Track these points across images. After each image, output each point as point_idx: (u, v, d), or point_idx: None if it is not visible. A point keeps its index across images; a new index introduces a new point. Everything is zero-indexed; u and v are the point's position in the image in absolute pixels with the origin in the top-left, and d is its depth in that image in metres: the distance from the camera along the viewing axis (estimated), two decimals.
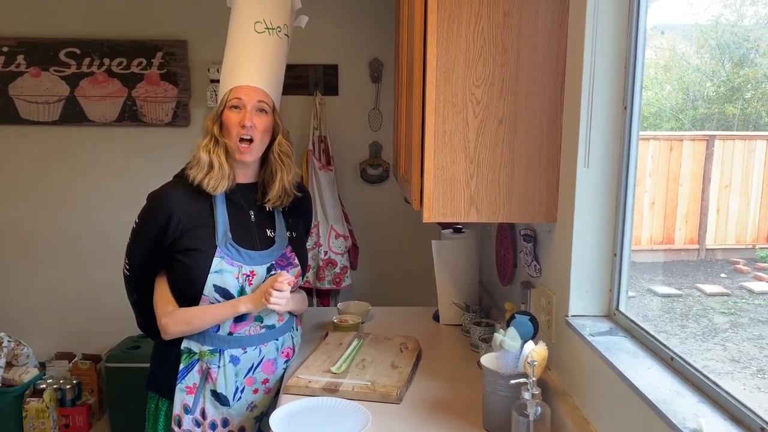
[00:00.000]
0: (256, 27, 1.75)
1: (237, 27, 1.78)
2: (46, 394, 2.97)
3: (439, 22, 1.45)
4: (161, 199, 1.70)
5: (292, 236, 1.81)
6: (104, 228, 3.26)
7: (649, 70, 2.15)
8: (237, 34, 1.78)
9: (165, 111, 3.20)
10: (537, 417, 1.29)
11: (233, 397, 1.72)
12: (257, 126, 1.68)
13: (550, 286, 1.60)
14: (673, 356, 1.17)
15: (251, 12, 1.76)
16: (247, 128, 1.67)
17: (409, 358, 1.85)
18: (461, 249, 2.22)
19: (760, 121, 2.52)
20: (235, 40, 1.78)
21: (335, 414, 1.53)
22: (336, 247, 3.17)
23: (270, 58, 1.77)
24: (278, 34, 1.79)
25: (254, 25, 1.75)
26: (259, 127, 1.69)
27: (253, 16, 1.76)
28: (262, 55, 1.76)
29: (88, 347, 3.34)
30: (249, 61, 1.74)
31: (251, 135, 1.68)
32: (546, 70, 1.48)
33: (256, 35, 1.75)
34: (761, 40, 2.32)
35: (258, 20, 1.75)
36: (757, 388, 2.12)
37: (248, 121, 1.67)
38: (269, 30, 1.76)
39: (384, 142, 3.29)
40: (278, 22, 1.79)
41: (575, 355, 1.43)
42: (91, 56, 3.15)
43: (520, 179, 1.51)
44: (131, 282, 1.81)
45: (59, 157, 3.25)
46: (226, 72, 1.76)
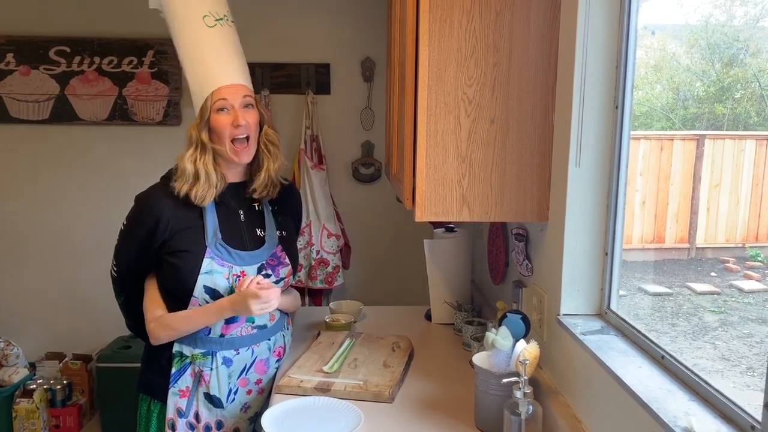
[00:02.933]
0: (206, 21, 1.69)
1: (186, 26, 1.71)
2: (37, 395, 2.95)
3: (430, 22, 1.45)
4: (149, 201, 1.68)
5: (282, 235, 1.80)
6: (95, 227, 3.24)
7: (640, 70, 2.16)
8: (189, 33, 1.71)
9: (156, 110, 3.18)
10: (529, 416, 1.29)
11: (227, 399, 1.71)
12: (250, 122, 1.66)
13: (542, 285, 1.60)
14: (664, 355, 1.18)
15: (195, 8, 1.70)
16: (242, 127, 1.64)
17: (401, 358, 1.85)
18: (453, 248, 2.22)
19: (749, 120, 2.54)
20: (190, 41, 1.71)
21: (327, 413, 1.52)
22: (328, 246, 3.16)
23: (233, 50, 1.72)
24: (228, 23, 1.74)
25: (203, 20, 1.68)
26: (251, 124, 1.67)
27: (198, 12, 1.69)
28: (226, 48, 1.70)
29: (79, 347, 3.32)
30: (218, 59, 1.68)
31: (247, 133, 1.66)
32: (538, 69, 1.48)
33: (209, 30, 1.69)
34: (751, 41, 2.33)
35: (205, 14, 1.69)
36: (747, 385, 2.14)
37: (242, 120, 1.64)
38: (219, 21, 1.70)
39: (376, 141, 3.28)
40: (222, 11, 1.73)
41: (567, 354, 1.43)
42: (82, 54, 3.12)
43: (511, 178, 1.52)
44: (119, 283, 1.79)
45: (49, 156, 3.22)
46: (198, 76, 1.69)
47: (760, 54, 2.33)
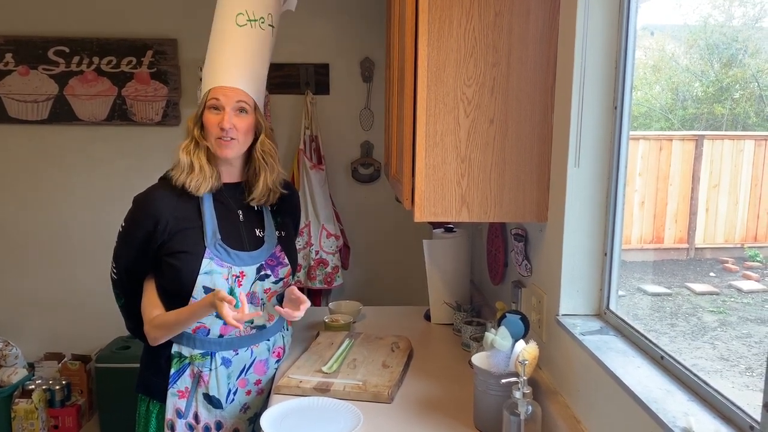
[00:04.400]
0: (238, 20, 1.69)
1: (219, 21, 1.73)
2: (35, 395, 2.95)
3: (430, 22, 1.45)
4: (147, 202, 1.67)
5: (281, 235, 1.80)
6: (94, 228, 3.24)
7: (639, 71, 2.17)
8: (219, 29, 1.72)
9: (155, 110, 3.18)
10: (528, 416, 1.29)
11: (226, 400, 1.71)
12: (238, 127, 1.64)
13: (541, 285, 1.60)
14: (663, 355, 1.18)
15: (233, 3, 1.70)
16: (226, 130, 1.62)
17: (401, 358, 1.85)
18: (452, 248, 2.22)
19: (748, 121, 2.54)
20: (217, 37, 1.72)
21: (326, 414, 1.52)
22: (327, 246, 3.16)
23: (251, 54, 1.71)
24: (261, 25, 1.72)
25: (236, 18, 1.68)
26: (240, 128, 1.65)
27: (235, 8, 1.69)
28: (243, 51, 1.70)
29: (78, 347, 3.32)
30: (229, 59, 1.69)
31: (232, 137, 1.64)
32: (537, 70, 1.48)
33: (237, 29, 1.69)
34: (749, 41, 2.34)
35: (240, 12, 1.68)
36: (746, 386, 2.14)
37: (227, 123, 1.62)
38: (251, 22, 1.70)
39: (375, 141, 3.28)
40: (261, 13, 1.72)
41: (566, 354, 1.43)
42: (81, 55, 3.12)
43: (511, 179, 1.52)
44: (119, 286, 1.79)
45: (48, 156, 3.22)
46: (207, 71, 1.71)
47: (758, 54, 2.33)
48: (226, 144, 1.65)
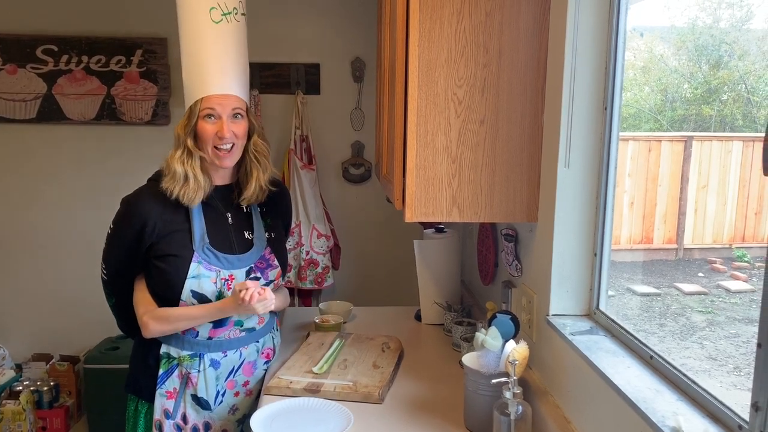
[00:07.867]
0: (213, 15, 1.61)
1: (191, 18, 1.63)
2: (23, 396, 2.92)
3: (421, 22, 1.45)
4: (136, 204, 1.65)
5: (270, 237, 1.79)
6: (82, 228, 3.21)
7: (628, 72, 2.17)
8: (193, 28, 1.63)
9: (144, 109, 3.16)
10: (518, 416, 1.30)
11: (214, 401, 1.71)
12: (236, 133, 1.63)
13: (531, 285, 1.61)
14: (652, 355, 1.19)
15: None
16: (226, 139, 1.61)
17: (391, 358, 1.85)
18: (443, 248, 2.22)
19: (736, 122, 2.56)
20: (192, 37, 1.64)
21: (317, 415, 1.52)
22: (318, 246, 3.15)
23: (235, 54, 1.66)
24: (235, 17, 1.66)
25: (210, 13, 1.61)
26: (238, 134, 1.64)
27: (206, 3, 1.61)
28: (226, 52, 1.64)
29: (66, 348, 3.29)
30: (214, 63, 1.62)
31: (231, 143, 1.63)
32: (527, 70, 1.49)
33: (214, 27, 1.62)
34: (736, 43, 2.35)
35: (213, 6, 1.61)
36: (734, 385, 2.16)
37: (227, 132, 1.60)
38: (226, 16, 1.63)
39: (366, 141, 3.28)
40: (233, 3, 1.64)
41: (556, 355, 1.44)
42: (69, 53, 3.10)
43: (501, 179, 1.52)
44: (109, 286, 1.78)
45: (37, 155, 3.20)
46: (192, 77, 1.64)
47: (746, 56, 2.35)
48: (226, 155, 1.64)
